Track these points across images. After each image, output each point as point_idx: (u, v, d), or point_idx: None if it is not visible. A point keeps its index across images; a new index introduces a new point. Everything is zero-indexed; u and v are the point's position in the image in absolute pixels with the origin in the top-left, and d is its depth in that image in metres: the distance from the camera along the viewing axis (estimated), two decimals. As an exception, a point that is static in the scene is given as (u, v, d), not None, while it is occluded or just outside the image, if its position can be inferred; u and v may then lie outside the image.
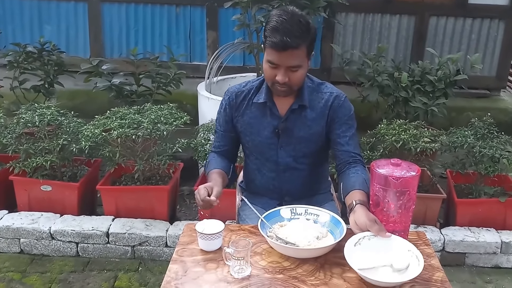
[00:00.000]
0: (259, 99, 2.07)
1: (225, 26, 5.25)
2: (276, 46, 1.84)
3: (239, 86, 2.15)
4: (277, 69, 1.91)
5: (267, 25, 1.89)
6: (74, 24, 5.44)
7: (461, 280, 3.09)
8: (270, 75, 1.94)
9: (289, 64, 1.89)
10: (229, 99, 2.13)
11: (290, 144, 2.10)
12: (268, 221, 1.84)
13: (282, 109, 2.07)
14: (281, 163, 2.13)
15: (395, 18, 5.32)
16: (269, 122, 2.08)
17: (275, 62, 1.89)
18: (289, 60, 1.88)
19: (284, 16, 1.85)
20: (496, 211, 3.29)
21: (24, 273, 3.04)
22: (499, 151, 3.22)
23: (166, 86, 4.08)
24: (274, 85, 1.96)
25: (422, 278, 1.62)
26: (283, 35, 1.82)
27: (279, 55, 1.86)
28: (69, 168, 3.46)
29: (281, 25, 1.83)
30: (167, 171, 3.41)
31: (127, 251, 3.19)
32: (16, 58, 4.04)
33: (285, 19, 1.84)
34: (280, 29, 1.83)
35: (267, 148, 2.12)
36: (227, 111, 2.15)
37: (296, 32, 1.83)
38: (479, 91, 5.47)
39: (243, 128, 2.13)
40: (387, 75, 4.03)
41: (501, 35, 5.32)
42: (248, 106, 2.10)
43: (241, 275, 1.62)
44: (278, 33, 1.83)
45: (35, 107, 3.41)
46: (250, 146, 2.17)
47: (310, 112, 2.07)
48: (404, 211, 1.69)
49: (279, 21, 1.84)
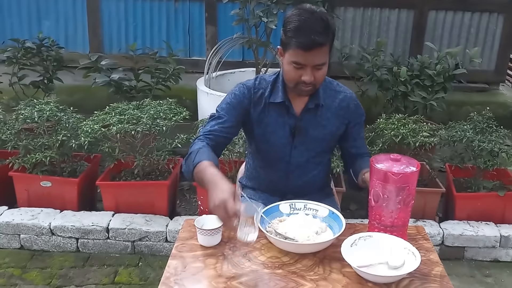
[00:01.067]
0: (275, 99, 2.02)
1: (224, 21, 5.23)
2: (303, 46, 1.80)
3: (253, 82, 2.07)
4: (303, 69, 1.86)
5: (287, 26, 1.85)
6: (73, 19, 5.43)
7: (460, 274, 3.10)
8: (295, 76, 1.89)
9: (315, 62, 1.85)
10: (248, 93, 2.04)
11: (304, 143, 2.08)
12: (267, 216, 1.84)
13: (298, 108, 2.04)
14: (293, 163, 2.11)
15: (394, 12, 5.30)
16: (285, 122, 2.05)
17: (302, 62, 1.85)
18: (316, 58, 1.84)
19: (305, 15, 1.82)
20: (495, 205, 3.30)
21: (24, 269, 3.05)
22: (498, 145, 3.23)
23: (165, 81, 4.08)
24: (299, 86, 1.91)
25: (421, 273, 1.62)
26: (309, 34, 1.78)
27: (305, 55, 1.83)
28: (68, 164, 3.46)
29: (305, 24, 1.80)
30: (167, 166, 3.41)
31: (127, 247, 3.20)
32: (15, 54, 4.04)
33: (308, 18, 1.81)
34: (305, 28, 1.79)
35: (282, 148, 2.08)
36: (242, 106, 2.03)
37: (321, 29, 1.80)
38: (478, 85, 5.46)
39: (260, 128, 2.06)
40: (386, 70, 4.03)
41: (500, 29, 5.31)
42: (266, 106, 2.04)
43: (248, 237, 1.59)
44: (303, 33, 1.79)
45: (34, 103, 3.41)
46: (264, 146, 2.10)
47: (325, 112, 2.05)
48: (403, 206, 1.69)
49: (302, 20, 1.81)
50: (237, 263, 1.67)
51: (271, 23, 3.54)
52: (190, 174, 1.83)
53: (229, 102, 2.04)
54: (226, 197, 1.55)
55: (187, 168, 1.85)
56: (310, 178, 2.16)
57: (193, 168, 1.78)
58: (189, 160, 1.84)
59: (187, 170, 1.85)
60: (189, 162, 1.83)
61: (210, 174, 1.69)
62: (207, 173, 1.70)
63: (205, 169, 1.72)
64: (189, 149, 1.91)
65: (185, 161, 1.88)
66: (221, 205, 1.55)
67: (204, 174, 1.71)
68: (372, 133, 3.50)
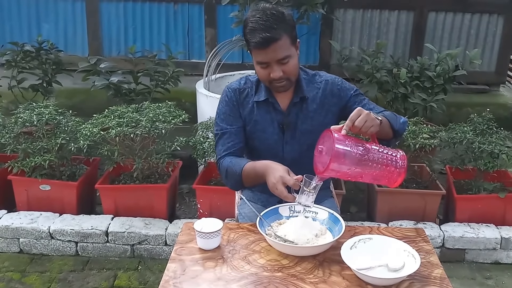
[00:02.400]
0: (259, 98, 2.06)
1: (224, 23, 5.24)
2: (259, 45, 1.85)
3: (238, 83, 2.13)
4: (269, 67, 1.91)
5: (245, 29, 1.90)
6: (72, 22, 5.44)
7: (461, 276, 3.09)
8: (264, 75, 1.94)
9: (277, 57, 1.88)
10: (234, 96, 2.09)
11: (294, 137, 2.09)
12: (266, 219, 1.84)
13: (284, 104, 2.07)
14: (286, 158, 2.10)
15: (393, 14, 5.31)
16: (273, 118, 2.07)
17: (264, 60, 1.90)
18: (276, 53, 1.87)
19: (257, 15, 1.86)
20: (495, 207, 3.29)
21: (24, 272, 3.04)
22: (498, 147, 3.22)
23: (164, 84, 4.07)
24: (272, 84, 1.96)
25: (421, 275, 1.61)
26: (261, 32, 1.83)
27: (265, 53, 1.87)
28: (67, 167, 3.45)
29: (257, 23, 1.85)
30: (166, 169, 3.41)
31: (126, 250, 3.19)
32: (14, 57, 4.04)
33: (259, 17, 1.85)
34: (257, 28, 1.84)
35: (274, 144, 2.10)
36: (236, 108, 2.08)
37: (273, 24, 1.84)
38: (478, 86, 5.46)
39: (250, 127, 2.10)
40: (386, 71, 4.03)
41: (500, 30, 5.31)
42: (252, 105, 2.08)
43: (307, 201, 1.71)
44: (255, 32, 1.84)
45: (33, 106, 3.41)
46: (256, 144, 2.12)
47: (311, 104, 2.07)
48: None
49: (254, 21, 1.86)
50: (236, 266, 1.66)
51: (270, 25, 3.53)
52: (240, 184, 1.99)
53: (224, 112, 2.10)
54: (282, 173, 1.75)
55: (234, 181, 2.00)
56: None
57: (241, 177, 1.94)
58: (230, 176, 1.99)
59: (236, 183, 2.00)
60: (232, 177, 1.99)
61: (259, 166, 1.88)
62: (256, 167, 1.89)
63: (252, 167, 1.91)
64: (221, 170, 2.04)
65: (226, 179, 2.04)
66: (279, 181, 1.73)
67: (254, 170, 1.90)
68: (372, 135, 3.49)
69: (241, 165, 1.94)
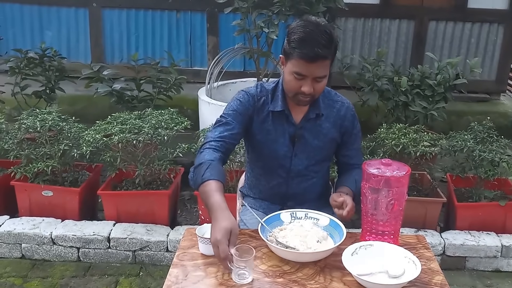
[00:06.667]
0: (275, 107, 2.04)
1: (226, 31, 5.28)
2: (307, 57, 1.82)
3: (255, 90, 2.09)
4: (304, 80, 1.89)
5: (291, 36, 1.87)
6: (75, 29, 5.47)
7: (461, 284, 3.09)
8: (295, 86, 1.92)
9: (317, 74, 1.87)
10: (252, 100, 2.05)
11: (304, 152, 2.10)
12: (268, 225, 1.85)
13: (297, 117, 2.07)
14: (293, 170, 2.13)
15: (394, 23, 5.34)
16: (285, 130, 2.07)
17: (304, 73, 1.87)
18: (317, 70, 1.86)
19: (310, 27, 1.84)
20: (496, 215, 3.29)
21: (26, 278, 3.04)
22: (498, 155, 3.23)
23: (166, 91, 4.09)
24: (298, 96, 1.94)
25: (422, 282, 1.62)
26: (313, 46, 1.80)
27: (308, 66, 1.85)
28: (70, 173, 3.47)
29: (309, 35, 1.82)
30: (168, 176, 3.42)
31: (128, 256, 3.20)
32: (17, 64, 4.06)
33: (313, 30, 1.83)
34: (309, 40, 1.82)
35: (282, 156, 2.10)
36: (248, 113, 2.04)
37: (325, 42, 1.82)
38: (479, 95, 5.49)
39: (261, 136, 2.08)
40: (387, 80, 4.05)
41: (501, 39, 5.34)
42: (267, 113, 2.07)
43: (241, 281, 1.61)
44: (307, 44, 1.81)
45: (37, 113, 3.42)
46: (265, 152, 2.12)
47: (325, 121, 2.08)
48: (392, 212, 1.71)
49: (307, 32, 1.83)
50: (238, 272, 1.67)
51: (272, 34, 3.57)
52: (196, 186, 1.84)
53: (235, 109, 2.04)
54: (220, 238, 1.57)
55: (194, 179, 1.85)
56: (309, 185, 2.19)
57: (200, 184, 1.80)
58: (198, 172, 1.83)
59: (195, 182, 1.85)
60: (198, 175, 1.82)
61: (214, 202, 1.71)
62: (211, 199, 1.72)
63: (210, 194, 1.74)
64: (199, 156, 1.90)
65: (194, 169, 1.87)
66: (215, 245, 1.58)
67: (208, 198, 1.74)
68: (373, 142, 3.51)
69: (209, 177, 1.78)
